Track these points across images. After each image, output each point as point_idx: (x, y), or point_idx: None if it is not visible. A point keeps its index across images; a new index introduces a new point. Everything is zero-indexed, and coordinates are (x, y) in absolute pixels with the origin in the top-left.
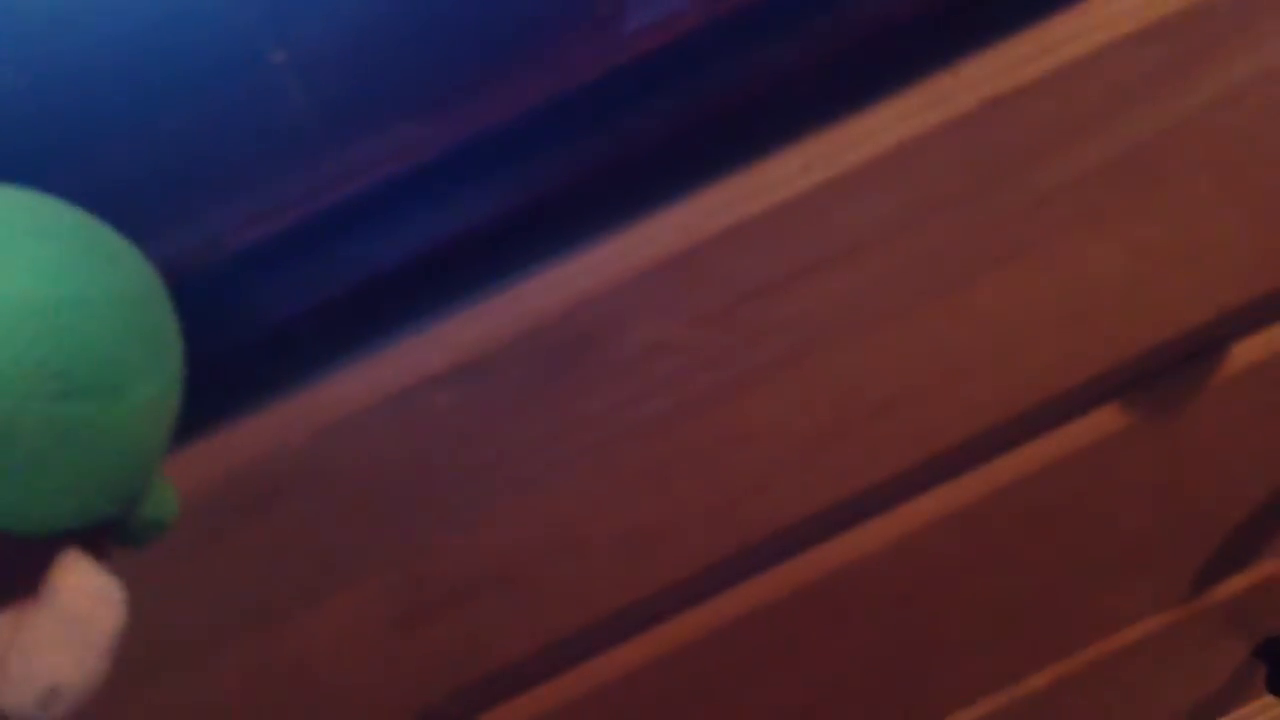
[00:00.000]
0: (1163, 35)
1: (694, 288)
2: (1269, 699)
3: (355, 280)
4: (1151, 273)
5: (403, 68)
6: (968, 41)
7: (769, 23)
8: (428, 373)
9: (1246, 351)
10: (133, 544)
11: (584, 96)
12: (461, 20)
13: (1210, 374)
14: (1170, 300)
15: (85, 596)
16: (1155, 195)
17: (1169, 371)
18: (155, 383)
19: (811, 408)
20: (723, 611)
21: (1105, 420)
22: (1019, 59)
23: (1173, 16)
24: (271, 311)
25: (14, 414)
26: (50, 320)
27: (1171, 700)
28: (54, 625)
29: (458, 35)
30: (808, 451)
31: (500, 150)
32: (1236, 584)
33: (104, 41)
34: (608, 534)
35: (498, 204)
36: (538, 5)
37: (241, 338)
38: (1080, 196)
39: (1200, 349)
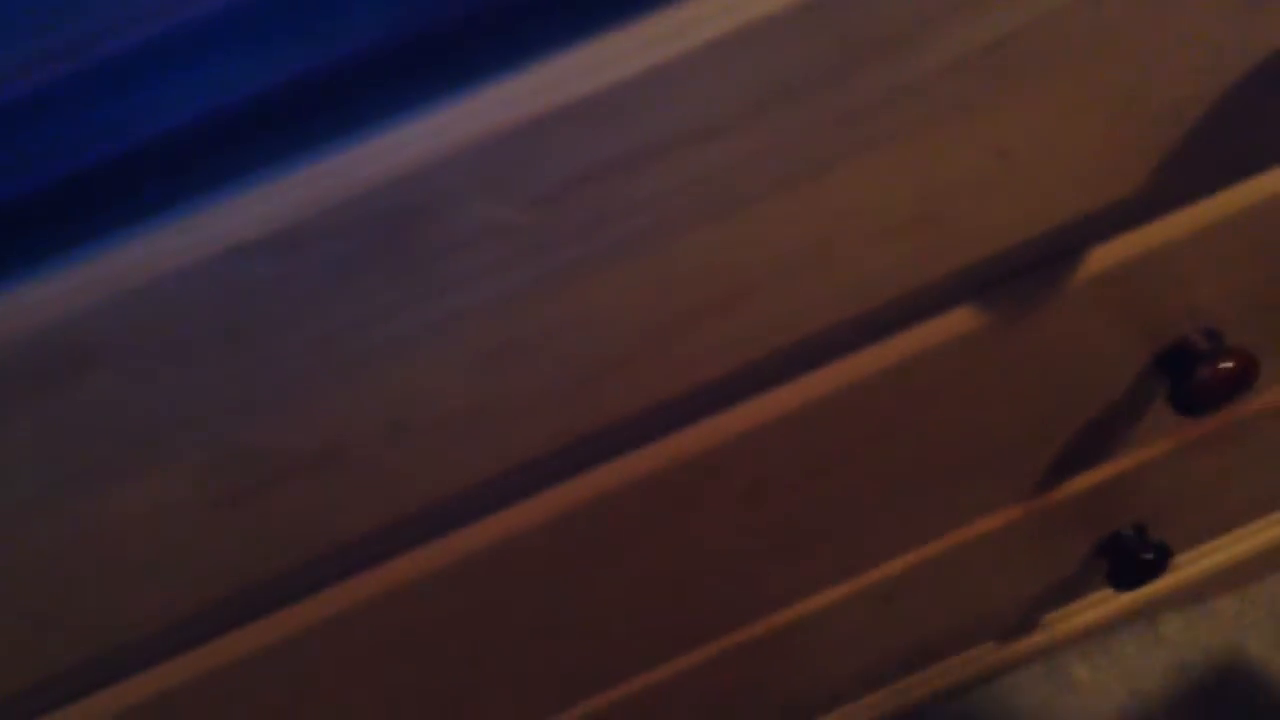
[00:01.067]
0: None
1: (531, 166)
2: (1108, 591)
3: (167, 133)
4: (1008, 173)
5: None
6: None
7: None
8: (244, 239)
9: (1102, 256)
10: None
11: None
12: None
13: (1065, 278)
14: (1027, 202)
15: None
16: (1015, 93)
17: (1024, 274)
18: None
19: (656, 296)
20: (559, 502)
21: (959, 320)
22: None
23: None
24: (73, 161)
25: None
26: None
27: (1018, 590)
28: None
29: None
30: (652, 341)
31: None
32: (1083, 482)
33: None
34: (436, 417)
35: (317, 60)
36: None
37: (39, 189)
38: (939, 91)
39: (1056, 252)
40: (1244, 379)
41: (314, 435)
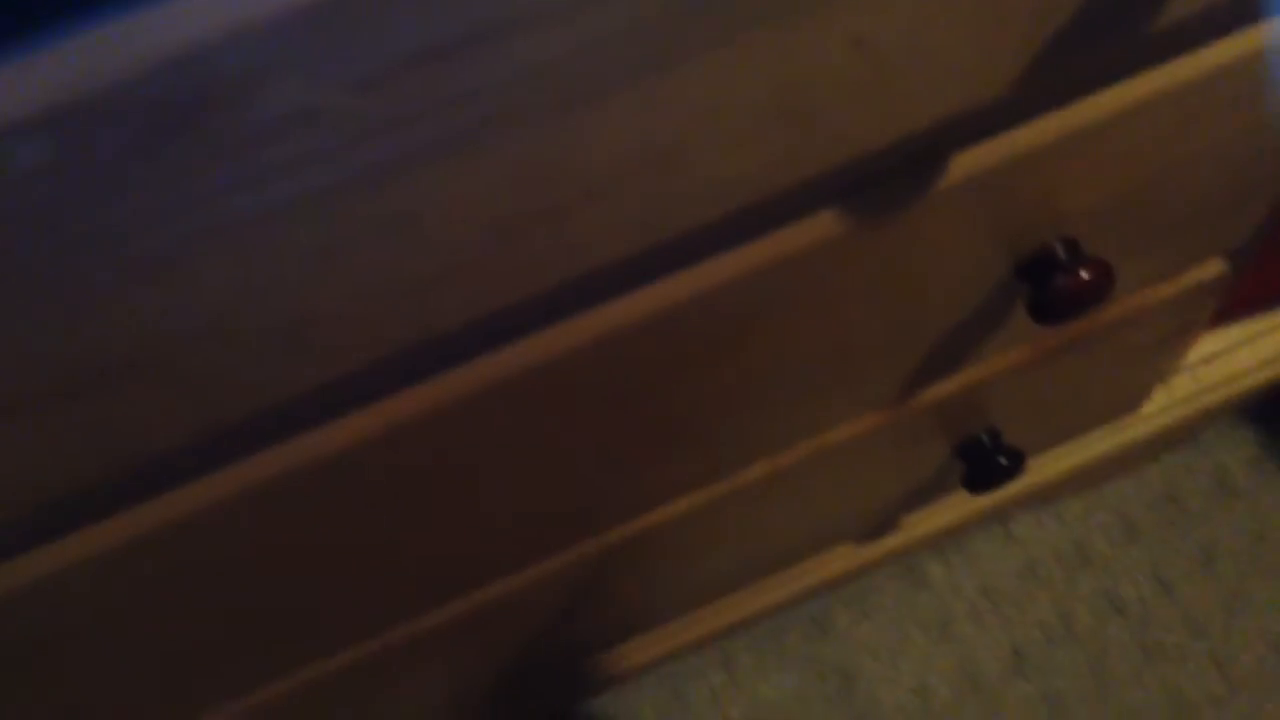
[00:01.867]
0: None
1: (349, 46)
2: (964, 493)
3: None
4: (866, 67)
5: None
6: None
7: None
8: (4, 122)
9: (966, 162)
10: None
11: None
12: None
13: (928, 184)
14: (887, 101)
15: None
16: None
17: (887, 179)
18: None
19: (492, 195)
20: (395, 410)
21: (821, 225)
22: None
23: None
24: None
25: None
26: None
27: (879, 494)
28: None
29: None
30: (490, 241)
31: None
32: (943, 388)
33: None
34: (263, 324)
35: None
36: None
37: None
38: None
39: (919, 157)
40: (1100, 289)
41: (123, 342)
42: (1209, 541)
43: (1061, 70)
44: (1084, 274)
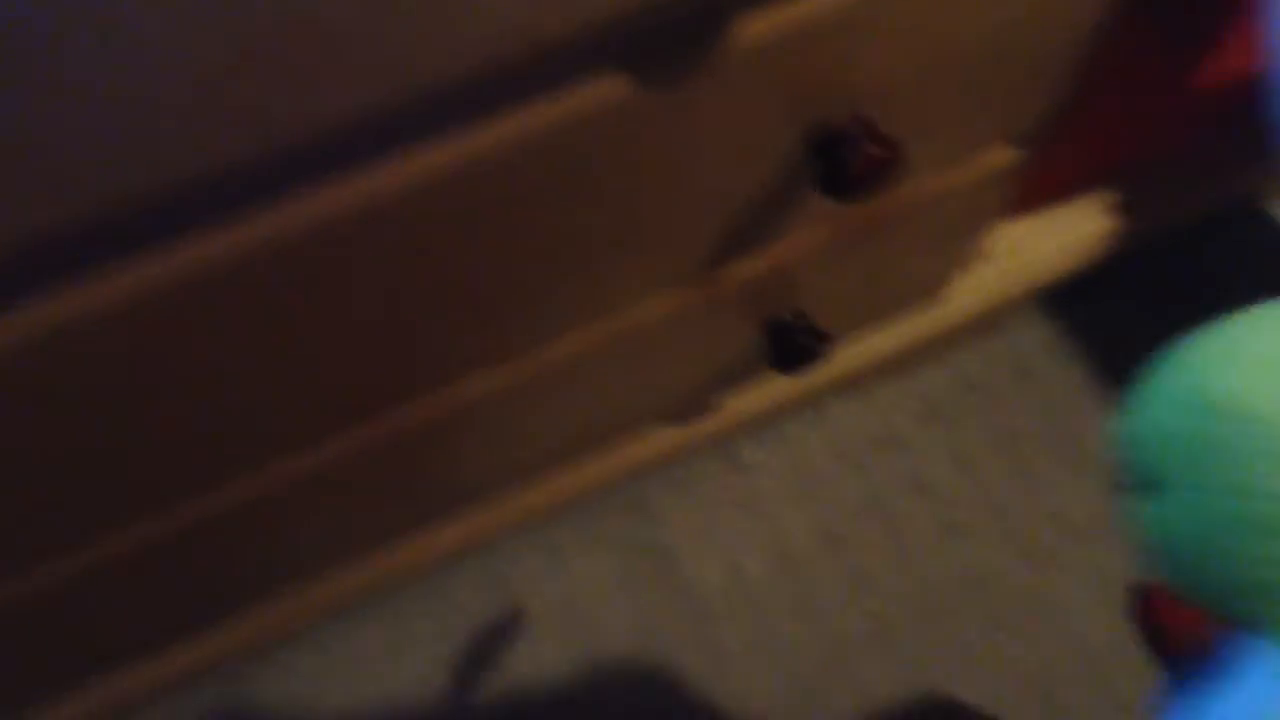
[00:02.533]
0: None
1: None
2: (780, 378)
3: None
4: None
5: None
6: None
7: None
8: None
9: (751, 28)
10: None
11: None
12: None
13: (714, 48)
14: None
15: None
16: None
17: (667, 41)
18: None
19: (219, 39)
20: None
21: (600, 90)
22: None
23: None
24: None
25: None
26: None
27: (687, 373)
28: None
29: None
30: (206, 92)
31: None
32: (746, 267)
33: None
34: None
35: None
36: None
37: None
38: None
39: (700, 19)
40: (890, 166)
41: None
42: (1008, 424)
43: None
44: (874, 150)
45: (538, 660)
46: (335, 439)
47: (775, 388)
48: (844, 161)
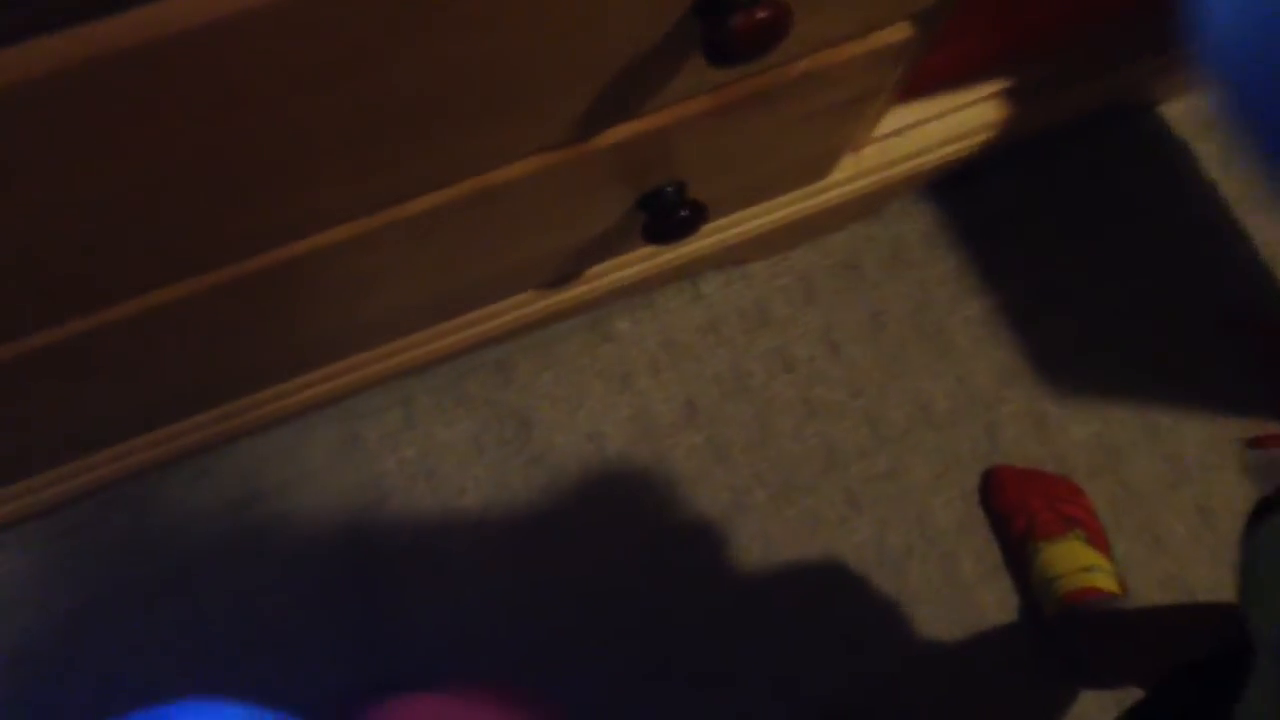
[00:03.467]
0: None
1: None
2: (655, 250)
3: None
4: None
5: None
6: None
7: None
8: None
9: None
10: None
11: None
12: None
13: None
14: None
15: None
16: None
17: None
18: None
19: None
20: None
21: None
22: None
23: None
24: None
25: None
26: None
27: (560, 239)
28: None
29: None
30: None
31: None
32: (623, 132)
33: None
34: None
35: None
36: None
37: None
38: None
39: None
40: (776, 30)
41: None
42: (878, 308)
43: None
44: (760, 13)
45: (390, 521)
46: (180, 282)
47: (650, 259)
48: (726, 23)
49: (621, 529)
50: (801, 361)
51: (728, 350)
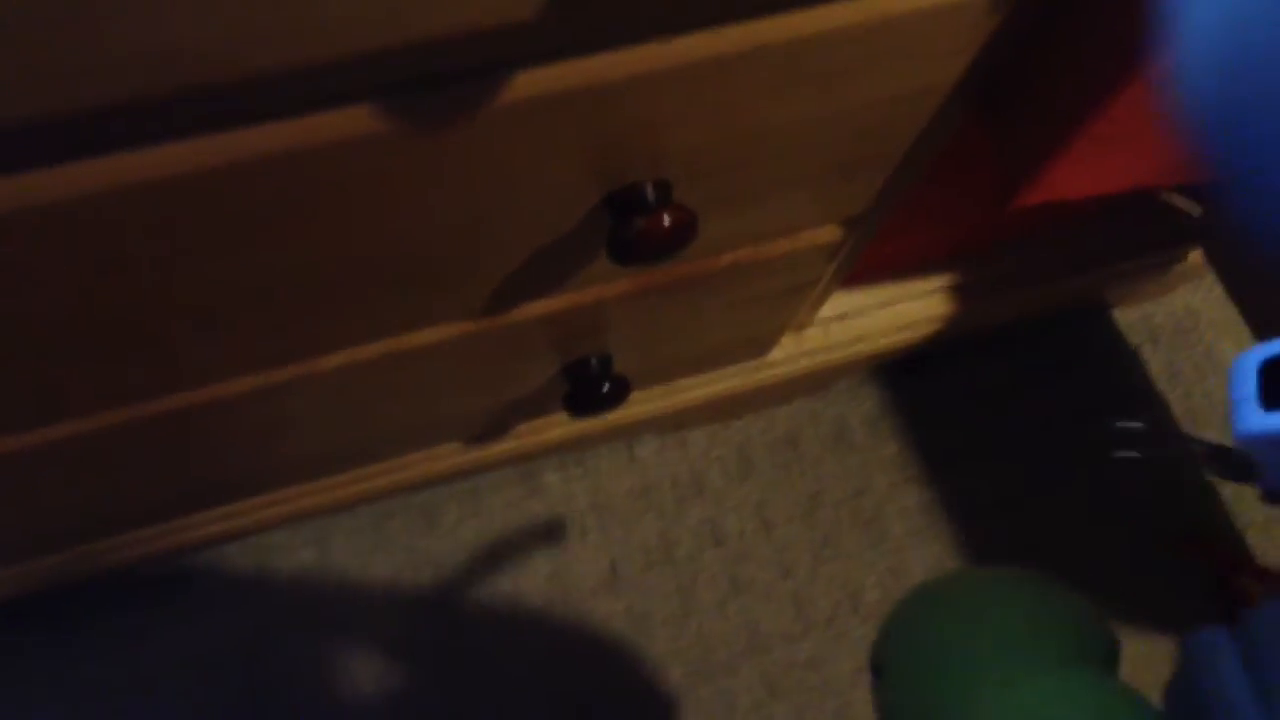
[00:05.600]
0: None
1: None
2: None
3: None
4: None
5: None
6: None
7: None
8: None
9: (533, 81)
10: None
11: None
12: None
13: (489, 96)
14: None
15: None
16: None
17: (438, 83)
18: None
19: None
20: None
21: (358, 119)
22: None
23: None
24: None
25: None
26: None
27: (479, 400)
28: None
29: None
30: None
31: None
32: (540, 308)
33: None
34: None
35: None
36: None
37: None
38: None
39: (473, 67)
40: (679, 238)
41: None
42: (815, 489)
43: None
44: (665, 219)
45: (288, 663)
46: (101, 411)
47: (562, 422)
48: (630, 226)
49: (530, 693)
50: (732, 536)
51: (657, 517)
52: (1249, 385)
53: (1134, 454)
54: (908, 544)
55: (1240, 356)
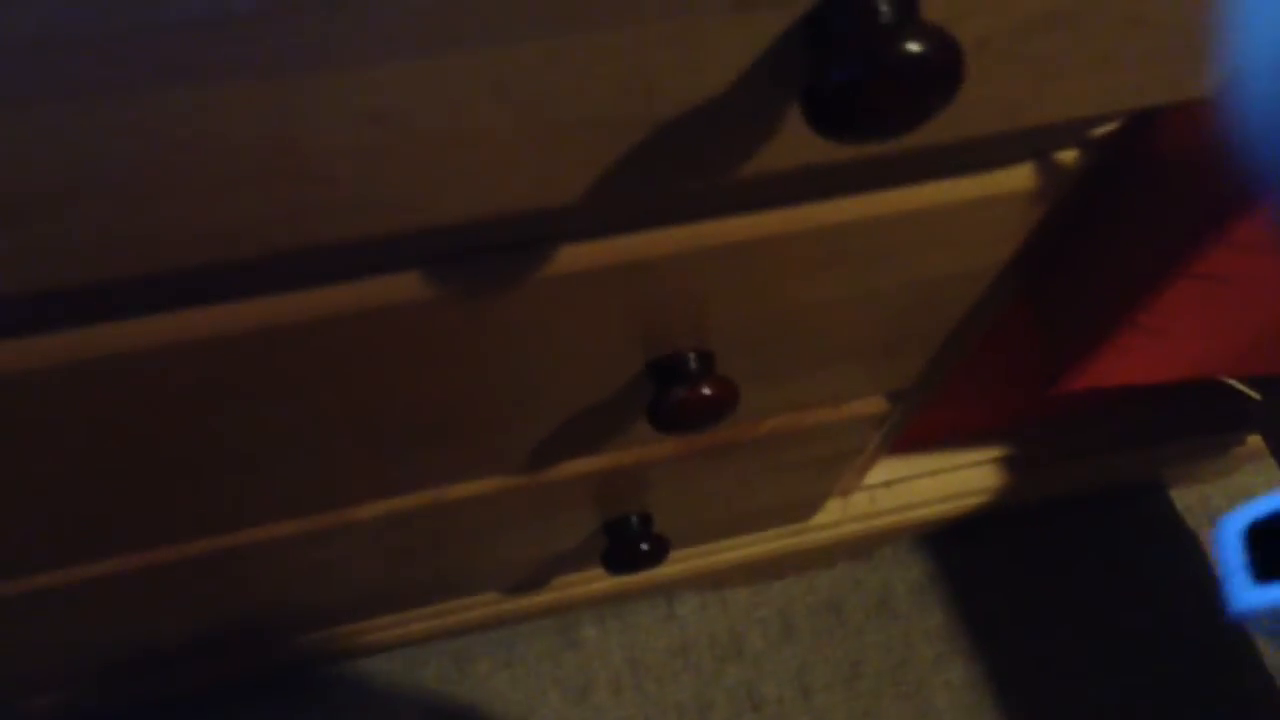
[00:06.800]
0: None
1: None
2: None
3: None
4: (397, 148)
5: None
6: None
7: None
8: None
9: (576, 256)
10: None
11: None
12: None
13: (532, 269)
14: (504, 173)
15: None
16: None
17: (482, 255)
18: None
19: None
20: None
21: (405, 286)
22: None
23: None
24: None
25: None
26: None
27: (519, 553)
28: None
29: None
30: None
31: None
32: (582, 466)
33: None
34: None
35: None
36: None
37: None
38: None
39: (516, 243)
40: (720, 409)
41: None
42: (857, 656)
43: (645, 193)
44: (706, 390)
45: None
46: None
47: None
48: (670, 395)
49: None
50: (770, 701)
51: (694, 677)
52: (1236, 555)
53: None
54: (951, 719)
55: (1221, 522)
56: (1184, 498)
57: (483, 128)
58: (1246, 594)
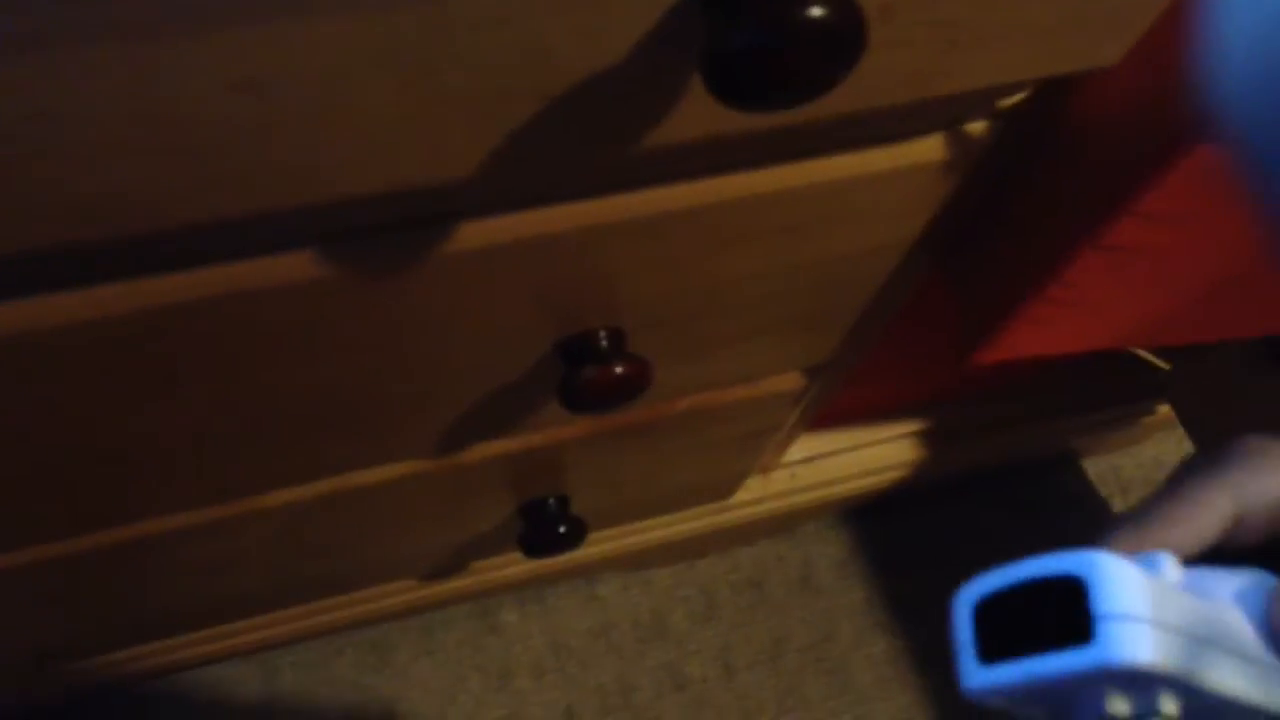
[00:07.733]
0: None
1: None
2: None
3: None
4: (266, 121)
5: None
6: None
7: None
8: None
9: (479, 232)
10: None
11: None
12: None
13: (432, 246)
14: (391, 146)
15: None
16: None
17: (376, 233)
18: None
19: None
20: None
21: (297, 265)
22: None
23: None
24: None
25: None
26: None
27: (433, 537)
28: None
29: None
30: None
31: None
32: (494, 449)
33: None
34: None
35: None
36: None
37: None
38: None
39: (429, 216)
40: (632, 387)
41: None
42: (780, 633)
43: (540, 166)
44: (618, 369)
45: None
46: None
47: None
48: (581, 375)
49: None
50: (694, 681)
51: (616, 659)
52: (965, 632)
53: None
54: (875, 693)
55: (957, 594)
56: (1096, 466)
57: (363, 98)
58: (974, 674)
